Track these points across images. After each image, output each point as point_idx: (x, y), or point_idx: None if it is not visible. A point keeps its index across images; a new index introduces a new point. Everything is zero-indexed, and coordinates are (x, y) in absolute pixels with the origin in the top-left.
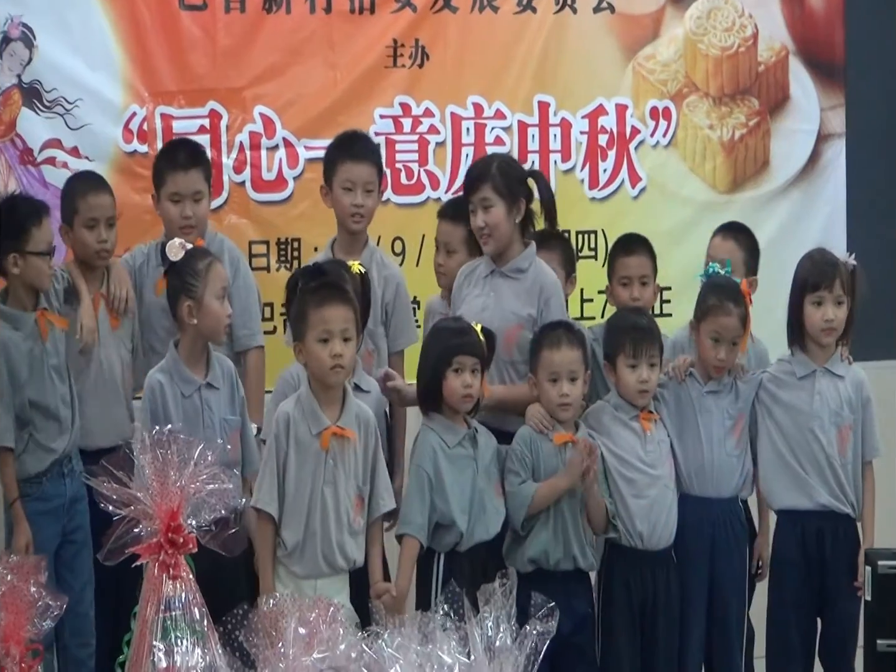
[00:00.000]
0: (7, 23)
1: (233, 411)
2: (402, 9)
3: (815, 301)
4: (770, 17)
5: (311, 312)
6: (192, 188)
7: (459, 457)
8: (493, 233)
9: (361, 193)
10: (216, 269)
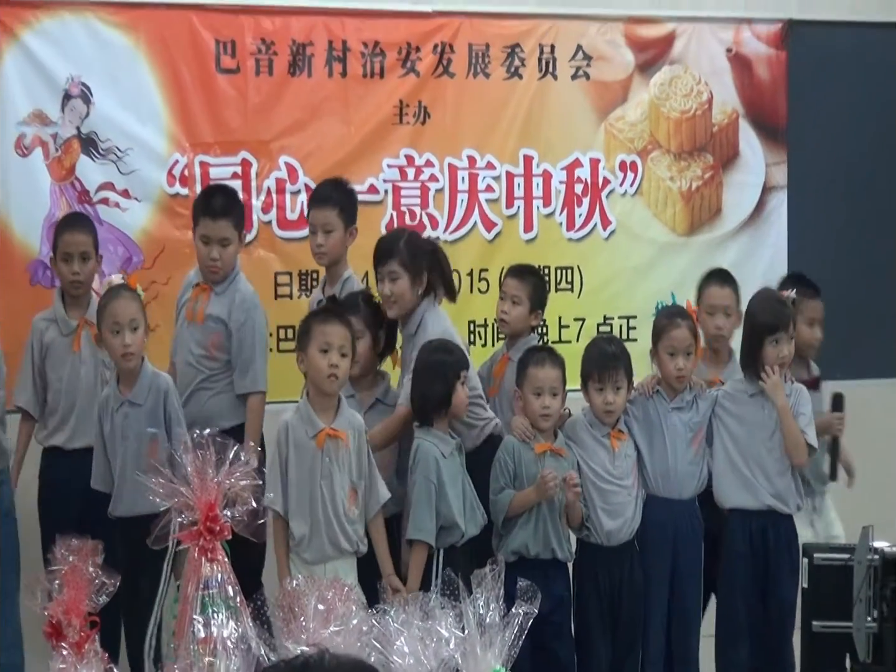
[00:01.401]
0: (69, 82)
1: (153, 424)
2: (408, 74)
3: (774, 341)
4: (723, 85)
5: (315, 327)
6: (220, 234)
7: (453, 465)
8: (398, 301)
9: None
10: (111, 307)
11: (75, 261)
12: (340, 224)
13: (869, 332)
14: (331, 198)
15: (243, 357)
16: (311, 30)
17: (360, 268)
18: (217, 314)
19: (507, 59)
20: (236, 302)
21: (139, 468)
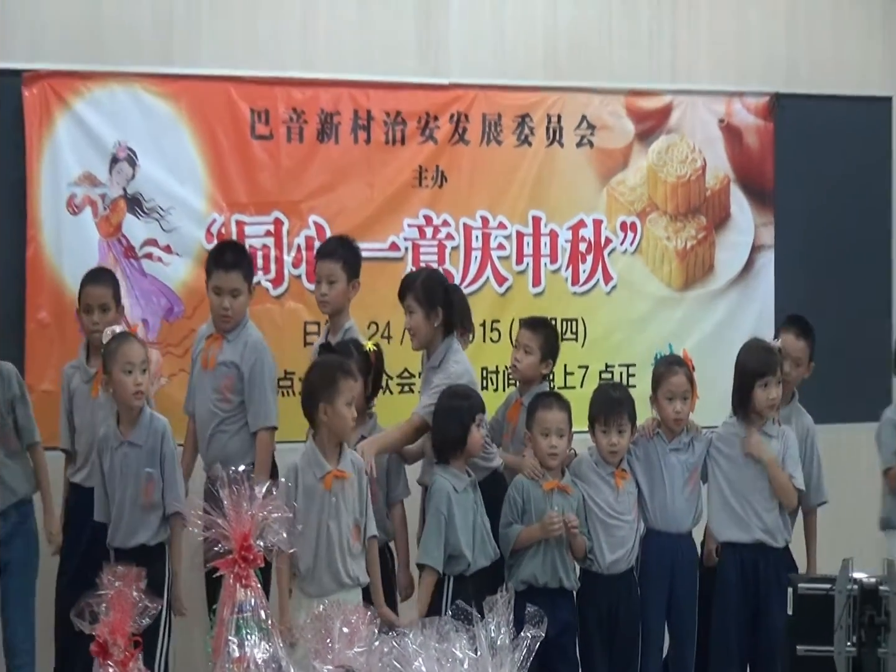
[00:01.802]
0: (116, 146)
1: (151, 465)
2: (426, 141)
3: (763, 384)
4: (715, 152)
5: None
6: (230, 285)
7: (465, 500)
8: (415, 333)
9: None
10: (123, 349)
11: (95, 312)
12: (344, 276)
13: (853, 381)
14: (336, 252)
15: (255, 396)
16: (338, 100)
17: (384, 316)
18: (229, 359)
19: (518, 127)
20: (247, 346)
21: (136, 505)
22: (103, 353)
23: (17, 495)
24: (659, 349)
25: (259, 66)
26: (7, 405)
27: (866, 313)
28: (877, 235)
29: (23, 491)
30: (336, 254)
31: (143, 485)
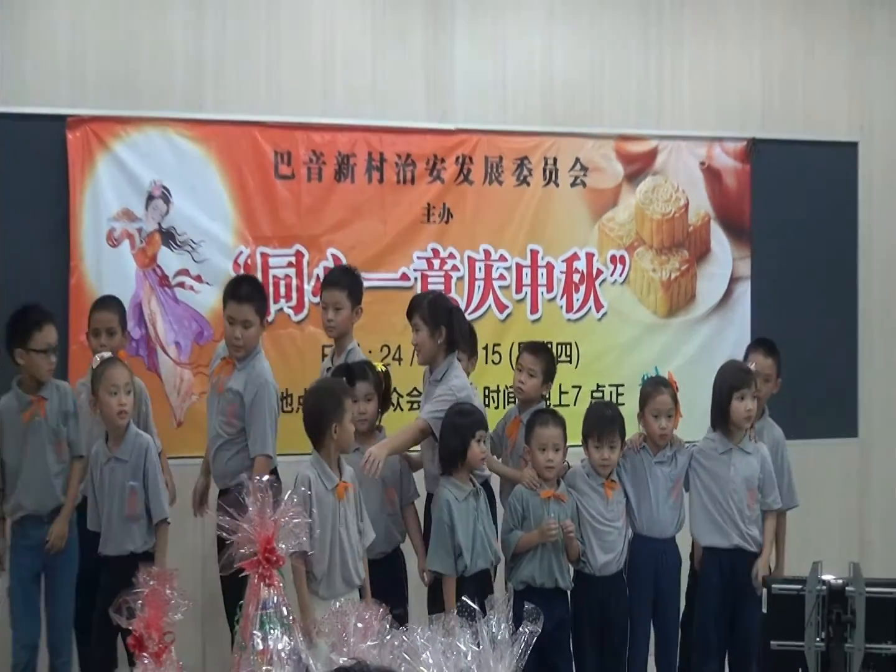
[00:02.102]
0: (152, 185)
1: (134, 478)
2: (434, 181)
3: (740, 397)
4: (697, 192)
5: (347, 401)
6: (243, 317)
7: (465, 508)
8: (420, 349)
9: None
10: (108, 372)
11: (102, 335)
12: (348, 303)
13: (823, 401)
14: (341, 281)
15: (253, 425)
16: (354, 144)
17: (395, 340)
18: (235, 388)
19: (517, 169)
20: (251, 377)
21: (122, 515)
22: (91, 377)
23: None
24: (646, 371)
25: (282, 112)
26: (62, 418)
27: (834, 339)
28: (844, 268)
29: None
30: (341, 283)
31: (128, 497)
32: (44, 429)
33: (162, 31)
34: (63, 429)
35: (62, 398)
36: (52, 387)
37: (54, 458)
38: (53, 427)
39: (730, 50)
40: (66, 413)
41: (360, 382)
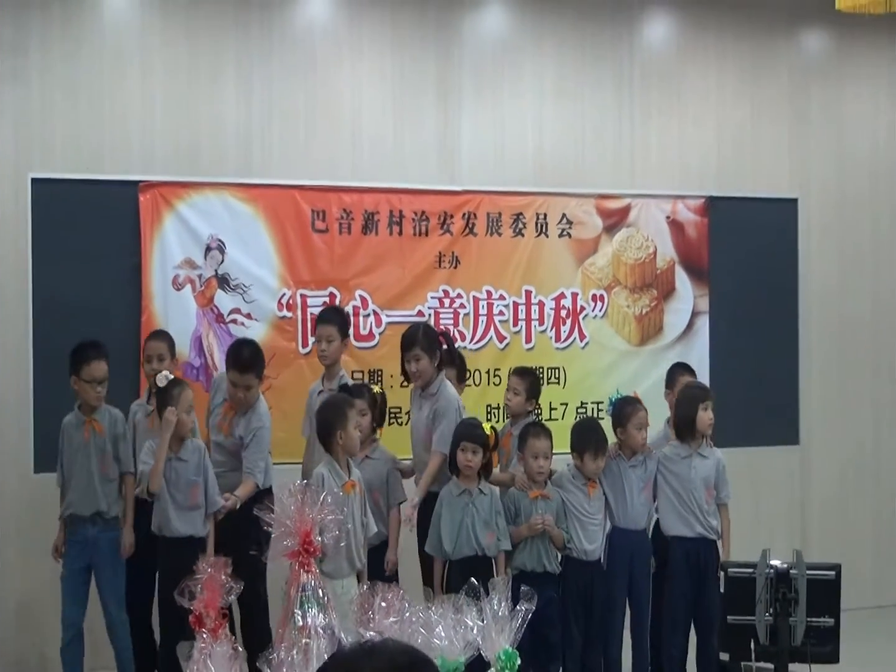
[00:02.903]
0: (209, 238)
1: (196, 475)
2: (444, 234)
3: (704, 408)
4: (663, 241)
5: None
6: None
7: (455, 504)
8: (421, 375)
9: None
10: (186, 394)
11: (154, 360)
12: (338, 336)
13: (769, 413)
14: (332, 318)
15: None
16: (378, 203)
17: None
18: (238, 433)
19: (514, 223)
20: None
21: (186, 505)
22: (159, 392)
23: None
24: (615, 392)
25: (317, 177)
26: (112, 439)
27: (778, 361)
28: (786, 302)
29: (114, 511)
30: (333, 320)
31: (191, 490)
32: (93, 446)
33: (217, 110)
34: (110, 448)
35: (113, 422)
36: (105, 412)
37: (98, 470)
38: (101, 445)
39: (689, 123)
40: (116, 435)
41: (356, 400)
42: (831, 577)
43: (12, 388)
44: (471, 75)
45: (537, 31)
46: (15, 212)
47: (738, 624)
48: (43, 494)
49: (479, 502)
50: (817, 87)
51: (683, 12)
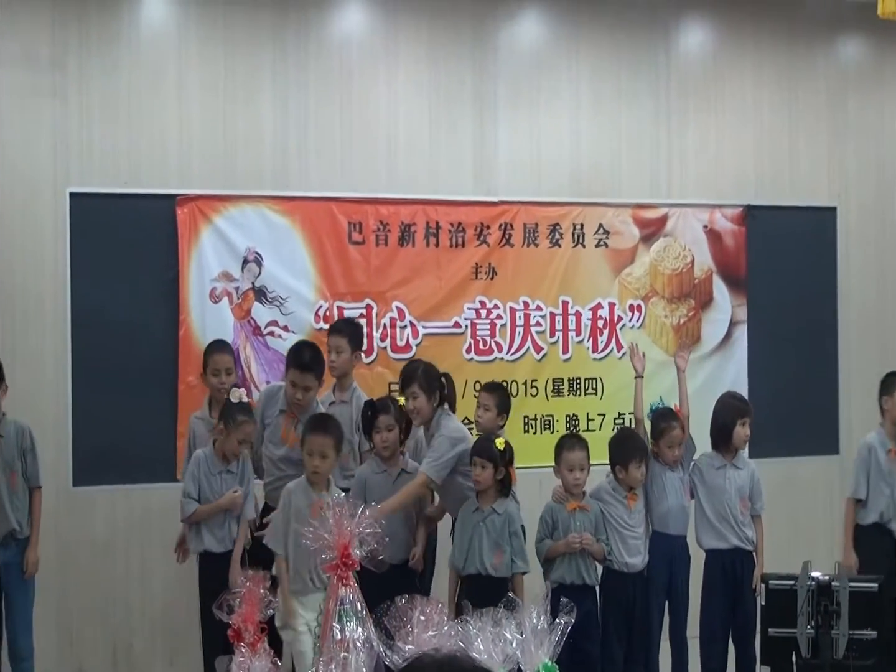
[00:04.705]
0: (246, 251)
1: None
2: (481, 245)
3: (742, 423)
4: (701, 251)
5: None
6: (304, 383)
7: (469, 520)
8: (419, 413)
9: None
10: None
11: (222, 374)
12: (348, 347)
13: (809, 424)
14: (343, 329)
15: None
16: (414, 214)
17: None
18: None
19: (550, 234)
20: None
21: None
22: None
23: (24, 533)
24: (654, 402)
25: (354, 189)
26: (20, 453)
27: (817, 371)
28: (825, 311)
29: (26, 531)
30: (343, 331)
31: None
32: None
33: (254, 123)
34: (18, 463)
35: (19, 435)
36: (10, 424)
37: (6, 488)
38: (8, 460)
39: (727, 132)
40: (24, 449)
41: (382, 415)
42: (874, 589)
43: (51, 401)
44: (507, 86)
45: (573, 42)
46: (53, 226)
47: (779, 637)
48: (82, 507)
49: (491, 521)
50: (856, 95)
51: (720, 21)
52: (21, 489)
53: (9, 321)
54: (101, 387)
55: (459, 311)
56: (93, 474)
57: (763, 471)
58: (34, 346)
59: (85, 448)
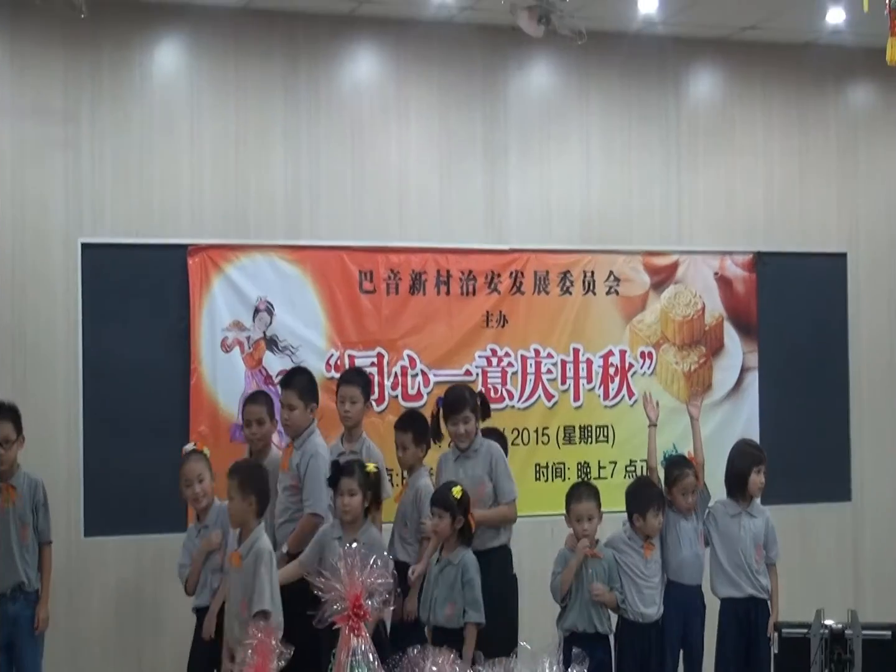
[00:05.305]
0: (258, 300)
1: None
2: (492, 293)
3: (758, 470)
4: (712, 297)
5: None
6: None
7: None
8: (469, 435)
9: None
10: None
11: (253, 424)
12: (362, 398)
13: (821, 470)
14: (356, 380)
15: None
16: (425, 263)
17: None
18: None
19: (561, 281)
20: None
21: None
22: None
23: (33, 586)
24: (667, 449)
25: (365, 238)
26: (32, 507)
27: (829, 418)
28: (836, 357)
29: (35, 584)
30: (357, 381)
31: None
32: (10, 514)
33: (265, 173)
34: (30, 516)
35: (32, 489)
36: (23, 477)
37: (17, 541)
38: (20, 513)
39: (737, 179)
40: (36, 503)
41: (344, 478)
42: (887, 638)
43: (63, 450)
44: (517, 134)
45: (583, 90)
46: (65, 276)
47: None
48: (93, 558)
49: (447, 572)
50: (866, 141)
51: (729, 68)
52: (32, 543)
53: (20, 371)
54: (112, 437)
55: (470, 358)
56: (104, 524)
57: (775, 517)
58: (46, 396)
59: (96, 498)
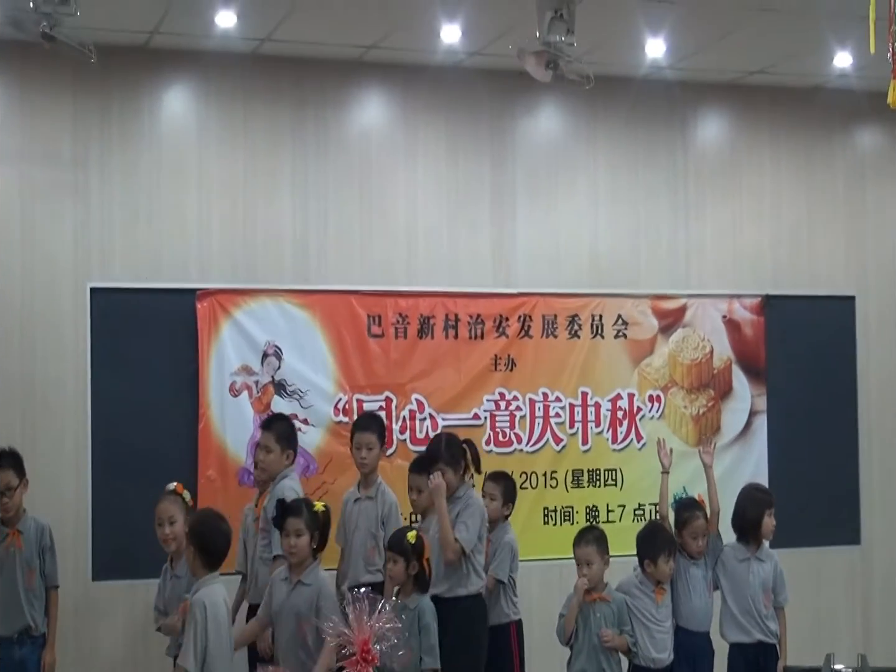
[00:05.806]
0: (266, 345)
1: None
2: (500, 337)
3: (769, 514)
4: (720, 341)
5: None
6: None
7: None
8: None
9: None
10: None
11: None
12: (377, 444)
13: (830, 514)
14: (371, 426)
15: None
16: (433, 307)
17: None
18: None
19: (569, 325)
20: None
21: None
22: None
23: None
24: (677, 492)
25: (373, 283)
26: (39, 551)
27: (838, 461)
28: (845, 401)
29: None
30: (371, 427)
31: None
32: (17, 558)
33: (273, 218)
34: (37, 561)
35: (39, 533)
36: (30, 521)
37: (24, 585)
38: (27, 557)
39: (744, 223)
40: (43, 547)
41: (290, 518)
42: None
43: (71, 494)
44: (525, 179)
45: (590, 134)
46: (74, 321)
47: None
48: (101, 602)
49: (402, 619)
50: (873, 184)
51: (736, 112)
52: (38, 587)
53: (29, 415)
54: (121, 481)
55: (479, 402)
56: (112, 568)
57: (784, 561)
58: (55, 440)
59: (104, 542)
